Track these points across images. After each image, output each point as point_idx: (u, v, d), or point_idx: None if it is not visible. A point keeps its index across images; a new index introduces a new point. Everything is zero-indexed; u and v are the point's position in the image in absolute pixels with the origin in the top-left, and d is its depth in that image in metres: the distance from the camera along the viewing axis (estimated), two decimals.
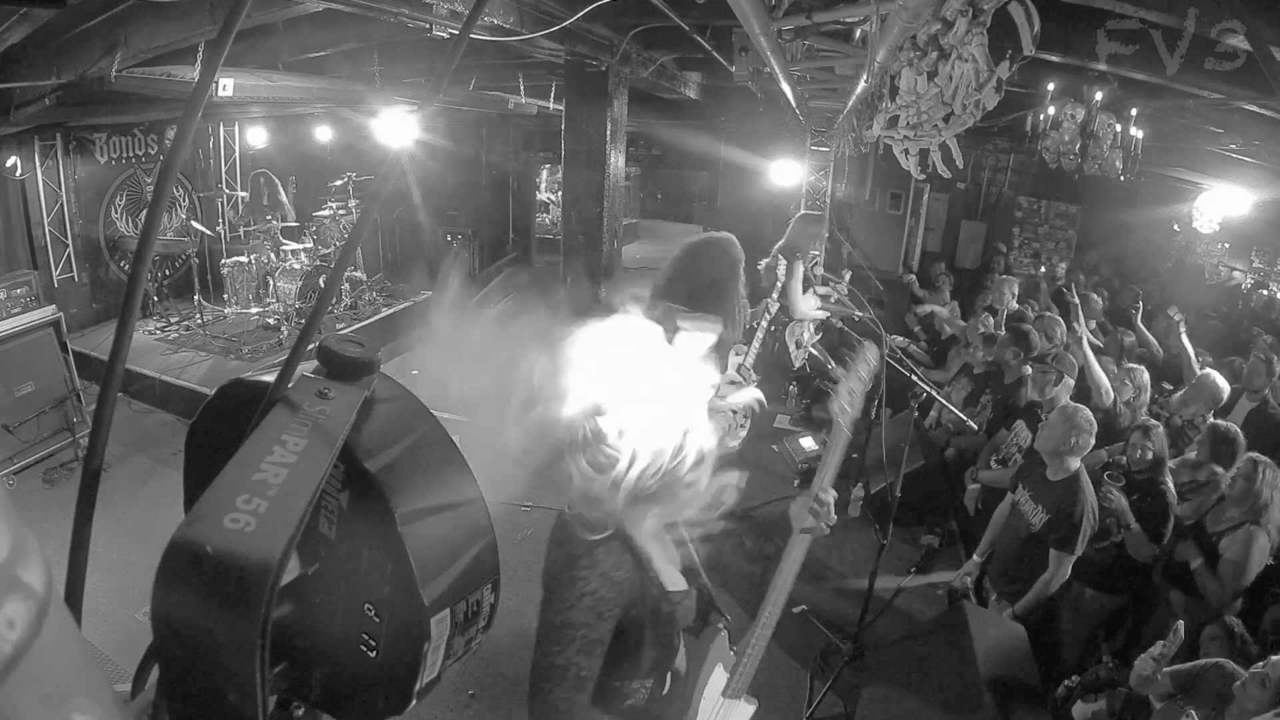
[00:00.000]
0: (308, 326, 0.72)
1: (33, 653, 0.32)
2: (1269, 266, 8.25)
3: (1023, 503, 3.33)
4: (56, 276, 6.91)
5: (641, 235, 13.73)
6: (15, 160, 6.21)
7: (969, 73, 2.15)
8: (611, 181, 5.53)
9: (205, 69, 0.65)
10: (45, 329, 5.21)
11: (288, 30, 4.66)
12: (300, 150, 9.45)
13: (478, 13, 0.96)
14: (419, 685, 0.68)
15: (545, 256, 11.37)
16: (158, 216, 0.64)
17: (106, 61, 4.03)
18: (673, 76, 6.53)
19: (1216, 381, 3.99)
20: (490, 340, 1.76)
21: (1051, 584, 3.12)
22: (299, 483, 0.58)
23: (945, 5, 1.92)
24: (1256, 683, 2.09)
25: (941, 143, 2.92)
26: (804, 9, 2.82)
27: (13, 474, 4.98)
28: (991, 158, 9.96)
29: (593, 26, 4.55)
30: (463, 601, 0.69)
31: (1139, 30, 3.10)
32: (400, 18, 3.31)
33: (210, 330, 7.08)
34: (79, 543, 0.59)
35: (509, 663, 3.58)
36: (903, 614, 4.00)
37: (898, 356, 4.31)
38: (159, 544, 0.53)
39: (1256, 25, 2.43)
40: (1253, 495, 2.90)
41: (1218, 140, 5.13)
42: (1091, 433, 3.19)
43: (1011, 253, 9.84)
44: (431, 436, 0.73)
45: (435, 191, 10.62)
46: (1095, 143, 4.57)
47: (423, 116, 6.16)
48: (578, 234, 5.64)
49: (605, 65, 5.09)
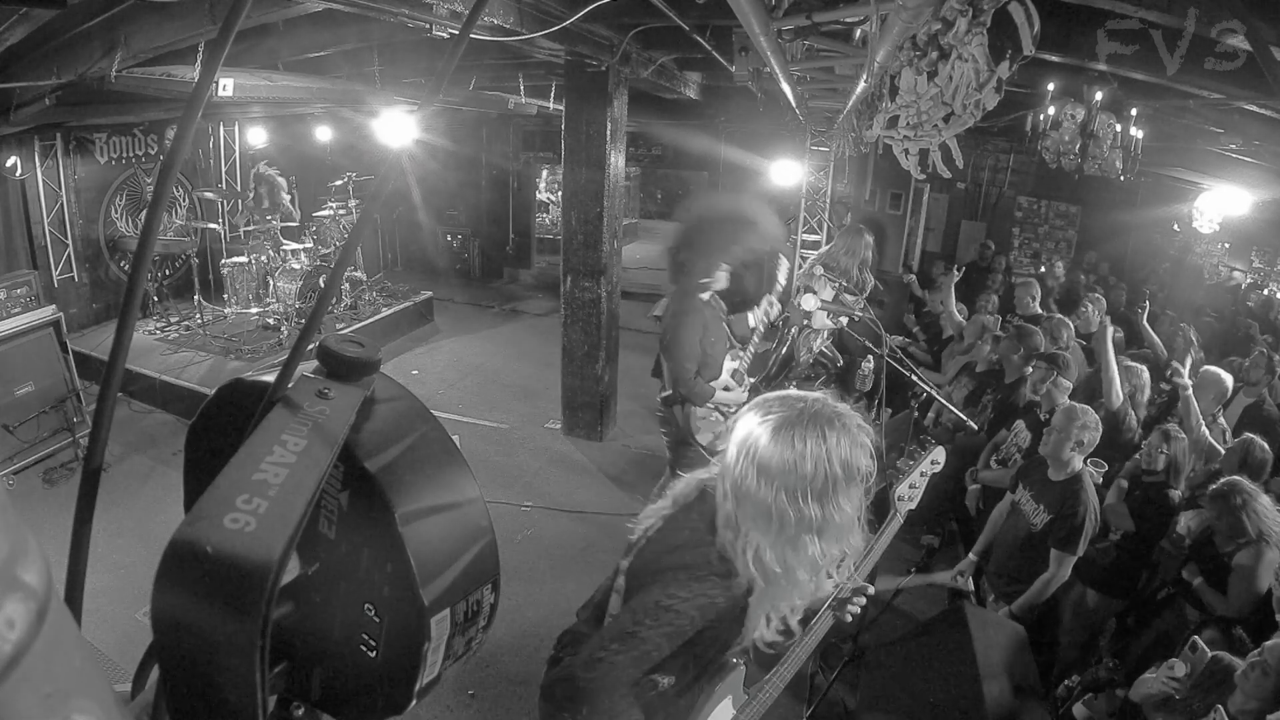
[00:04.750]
0: (308, 326, 0.72)
1: (33, 653, 0.32)
2: (1269, 266, 8.26)
3: (1024, 503, 3.33)
4: (56, 276, 6.92)
5: (641, 235, 13.74)
6: (15, 160, 6.21)
7: (969, 73, 2.15)
8: (611, 181, 5.53)
9: (205, 69, 0.65)
10: (45, 329, 5.21)
11: (288, 30, 4.66)
12: (300, 150, 9.46)
13: (478, 13, 0.96)
14: (419, 685, 0.68)
15: (545, 256, 11.38)
16: (158, 216, 0.64)
17: (106, 61, 4.03)
18: (673, 76, 6.53)
19: (1220, 375, 3.98)
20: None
21: (1051, 584, 3.12)
22: (299, 483, 0.58)
23: (945, 5, 1.92)
24: (1258, 670, 2.09)
25: (941, 143, 2.92)
26: (804, 9, 2.82)
27: (13, 474, 4.98)
28: (991, 158, 9.97)
29: (593, 26, 4.55)
30: (463, 601, 0.69)
31: (1139, 30, 3.10)
32: (400, 18, 3.30)
33: (210, 330, 7.08)
34: (79, 543, 0.59)
35: (509, 663, 3.58)
36: (903, 614, 4.00)
37: (898, 357, 4.30)
38: (159, 544, 0.53)
39: (1256, 25, 2.43)
40: (1244, 530, 2.83)
41: (1218, 140, 5.13)
42: (1096, 432, 3.18)
43: (1011, 252, 9.85)
44: (431, 436, 0.73)
45: (435, 191, 10.63)
46: (1095, 143, 4.56)
47: (423, 116, 6.17)
48: (578, 234, 5.64)
49: (605, 65, 5.09)
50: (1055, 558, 3.10)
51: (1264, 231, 7.96)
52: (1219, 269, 8.61)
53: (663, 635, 1.34)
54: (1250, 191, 6.34)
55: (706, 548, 1.41)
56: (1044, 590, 3.13)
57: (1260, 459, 3.24)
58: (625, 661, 1.34)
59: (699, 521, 1.46)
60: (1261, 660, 2.09)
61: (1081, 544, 3.06)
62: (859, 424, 1.37)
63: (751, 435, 1.37)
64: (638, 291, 9.20)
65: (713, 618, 1.39)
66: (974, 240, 10.05)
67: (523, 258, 11.28)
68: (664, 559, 1.44)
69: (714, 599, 1.37)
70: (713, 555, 1.40)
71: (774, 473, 1.31)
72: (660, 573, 1.41)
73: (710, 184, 11.12)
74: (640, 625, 1.35)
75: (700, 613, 1.36)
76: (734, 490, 1.37)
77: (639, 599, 1.40)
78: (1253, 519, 2.80)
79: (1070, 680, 2.90)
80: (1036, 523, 3.21)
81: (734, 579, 1.39)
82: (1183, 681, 2.35)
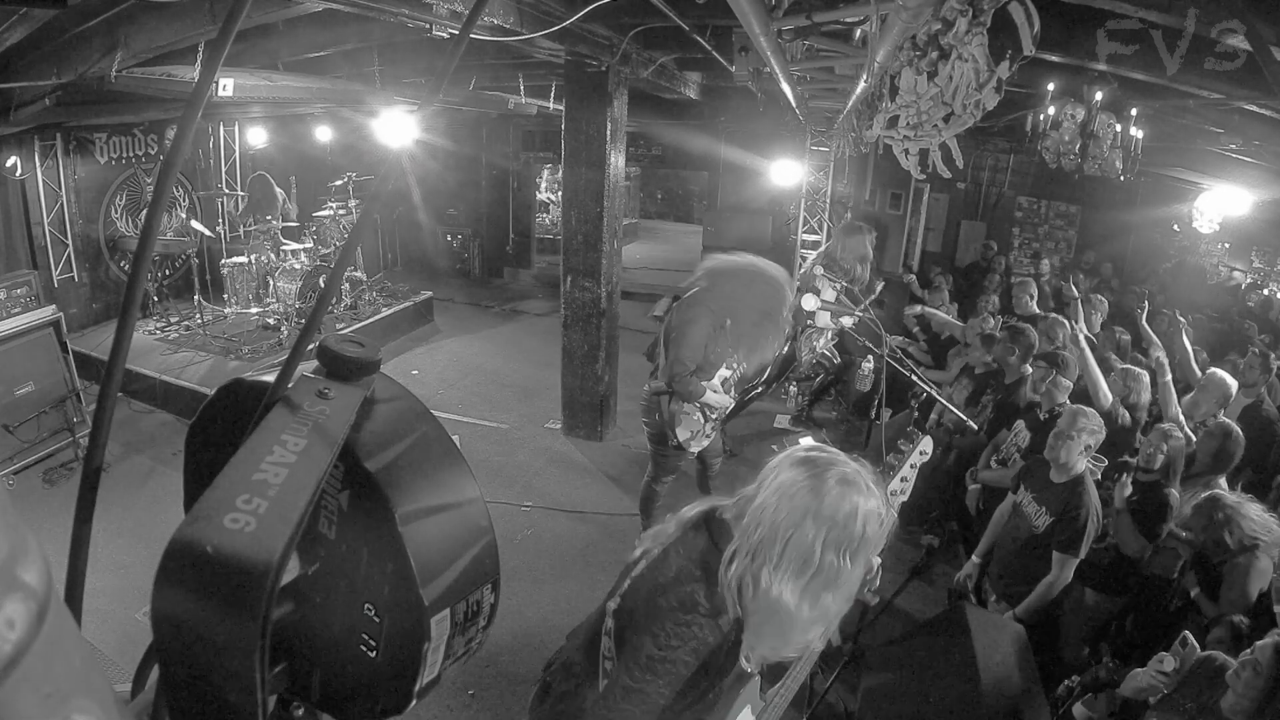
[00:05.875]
0: (308, 326, 0.72)
1: (33, 653, 0.32)
2: (1269, 266, 8.27)
3: (1025, 504, 3.32)
4: (56, 276, 6.92)
5: (641, 235, 13.75)
6: (15, 160, 6.22)
7: (969, 73, 2.15)
8: (611, 181, 5.53)
9: (205, 69, 0.65)
10: (45, 329, 5.22)
11: (288, 30, 4.66)
12: (300, 150, 9.46)
13: (478, 13, 0.96)
14: (419, 685, 0.68)
15: (545, 256, 11.38)
16: (158, 216, 0.64)
17: (106, 61, 4.03)
18: (673, 76, 6.53)
19: (1225, 379, 3.98)
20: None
21: (1055, 586, 3.11)
22: (299, 483, 0.58)
23: (945, 5, 1.92)
24: (1249, 669, 2.09)
25: (941, 143, 2.92)
26: (804, 9, 2.82)
27: (13, 474, 4.98)
28: (991, 158, 9.97)
29: (593, 26, 4.55)
30: (463, 601, 0.69)
31: (1139, 30, 3.10)
32: (400, 18, 3.31)
33: (210, 330, 7.08)
34: (79, 543, 0.59)
35: (509, 663, 3.58)
36: (903, 614, 4.00)
37: (898, 357, 4.31)
38: (159, 544, 0.53)
39: (1256, 25, 2.43)
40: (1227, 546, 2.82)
41: (1218, 140, 5.13)
42: (1101, 434, 3.18)
43: (1011, 252, 9.85)
44: (431, 436, 0.73)
45: (435, 191, 10.63)
46: (1095, 143, 4.56)
47: (423, 116, 6.16)
48: (578, 234, 5.64)
49: (605, 65, 5.09)
50: (1058, 560, 3.10)
51: (1264, 231, 7.97)
52: (1219, 269, 8.61)
53: (664, 684, 1.40)
54: (1250, 191, 6.34)
55: (694, 584, 1.43)
56: (1047, 593, 3.12)
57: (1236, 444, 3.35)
58: (637, 714, 1.40)
59: (688, 558, 1.48)
60: (1253, 659, 2.09)
61: (1084, 546, 3.06)
62: (884, 497, 1.44)
63: (800, 482, 1.38)
64: (638, 291, 9.20)
65: (706, 656, 1.42)
66: (974, 240, 10.06)
67: (523, 258, 11.28)
68: (653, 601, 1.46)
69: (704, 639, 1.41)
70: (700, 593, 1.42)
71: (825, 521, 1.34)
72: (650, 618, 1.44)
73: (710, 184, 11.12)
74: (642, 681, 1.39)
75: (694, 655, 1.40)
76: (772, 533, 1.37)
77: (633, 652, 1.43)
78: (1237, 532, 2.79)
79: (1070, 680, 2.90)
80: (1038, 525, 3.20)
81: (721, 616, 1.41)
82: (1171, 676, 2.35)
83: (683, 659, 1.39)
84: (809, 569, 1.34)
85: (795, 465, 1.42)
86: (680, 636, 1.40)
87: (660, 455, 3.99)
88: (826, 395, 6.82)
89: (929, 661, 3.00)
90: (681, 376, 3.57)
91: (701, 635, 1.40)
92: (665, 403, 3.76)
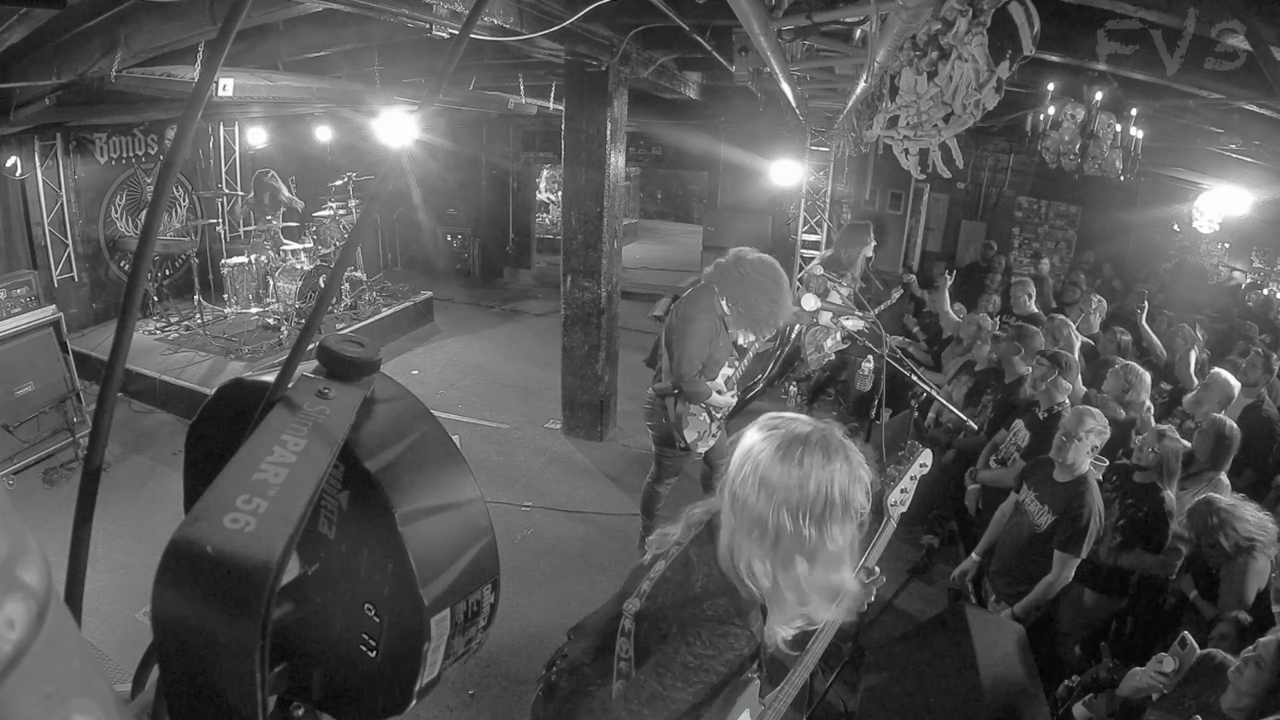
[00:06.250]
0: (308, 326, 0.72)
1: (33, 653, 0.32)
2: (1269, 266, 8.26)
3: (1028, 503, 3.32)
4: (56, 276, 6.92)
5: (641, 235, 13.75)
6: (15, 160, 6.22)
7: (969, 73, 2.15)
8: (611, 181, 5.53)
9: (205, 69, 0.65)
10: (45, 329, 5.22)
11: (288, 30, 4.66)
12: (300, 150, 9.47)
13: (478, 13, 0.96)
14: (419, 685, 0.68)
15: (545, 256, 11.38)
16: (158, 216, 0.64)
17: (106, 61, 4.03)
18: (673, 76, 6.53)
19: (1228, 379, 3.99)
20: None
21: (1055, 586, 3.11)
22: (299, 483, 0.58)
23: (945, 5, 1.92)
24: (1252, 666, 2.09)
25: (941, 143, 2.92)
26: (804, 9, 2.82)
27: (13, 474, 4.98)
28: (991, 158, 9.96)
29: (593, 26, 4.55)
30: (463, 601, 0.69)
31: (1139, 30, 3.10)
32: (400, 18, 3.31)
33: (210, 330, 7.08)
34: (79, 543, 0.59)
35: (509, 663, 3.58)
36: (903, 614, 4.01)
37: (898, 357, 4.30)
38: (159, 544, 0.52)
39: (1256, 25, 2.43)
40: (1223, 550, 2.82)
41: (1218, 140, 5.13)
42: (1105, 434, 3.18)
43: (1011, 252, 9.85)
44: (431, 436, 0.73)
45: (435, 191, 10.63)
46: (1095, 143, 4.56)
47: (423, 116, 6.17)
48: (578, 234, 5.64)
49: (605, 65, 5.09)
50: (1059, 559, 3.09)
51: (1264, 231, 7.97)
52: (1219, 269, 8.61)
53: (692, 693, 1.36)
54: (1250, 191, 6.34)
55: (728, 595, 1.41)
56: (1047, 592, 3.12)
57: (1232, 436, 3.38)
58: (691, 694, 1.37)
59: (712, 564, 1.45)
60: (1255, 655, 2.09)
61: (1086, 546, 3.05)
62: (861, 460, 1.38)
63: (756, 448, 1.36)
64: (638, 291, 9.21)
65: (738, 666, 1.41)
66: (974, 240, 10.06)
67: (523, 258, 11.28)
68: (683, 610, 1.43)
69: (740, 650, 1.38)
70: (730, 606, 1.40)
71: (775, 486, 1.31)
72: (683, 626, 1.40)
73: (710, 184, 11.11)
74: (671, 688, 1.36)
75: (728, 665, 1.38)
76: (733, 501, 1.37)
77: (664, 658, 1.39)
78: (1232, 534, 2.79)
79: (1070, 680, 2.90)
80: (1041, 524, 3.20)
81: (751, 614, 1.40)
82: (1170, 677, 2.35)
83: (717, 669, 1.37)
84: (772, 540, 1.32)
85: (752, 432, 1.41)
86: (717, 647, 1.37)
87: (666, 457, 3.99)
88: (825, 394, 6.82)
89: (929, 661, 3.00)
90: (689, 377, 3.58)
91: (738, 646, 1.38)
92: (671, 405, 3.76)
